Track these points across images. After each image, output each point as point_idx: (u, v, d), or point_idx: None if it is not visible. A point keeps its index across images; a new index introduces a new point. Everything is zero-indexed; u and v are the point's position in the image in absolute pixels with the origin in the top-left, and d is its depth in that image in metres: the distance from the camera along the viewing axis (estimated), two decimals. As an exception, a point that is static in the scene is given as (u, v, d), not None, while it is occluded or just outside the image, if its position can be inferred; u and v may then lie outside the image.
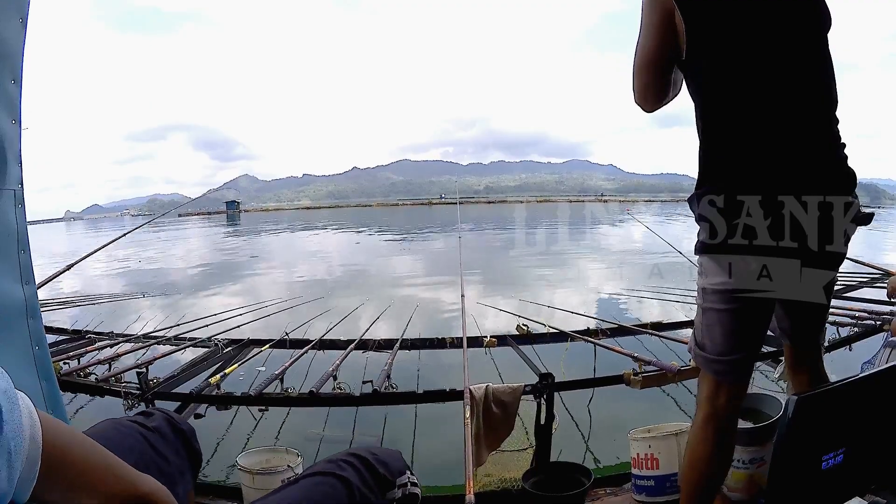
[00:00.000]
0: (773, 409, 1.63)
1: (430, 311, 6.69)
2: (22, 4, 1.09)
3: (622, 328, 3.45)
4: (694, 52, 1.08)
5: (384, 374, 2.26)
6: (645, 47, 1.14)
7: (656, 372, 2.07)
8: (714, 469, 1.16)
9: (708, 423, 1.15)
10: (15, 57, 1.09)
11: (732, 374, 1.14)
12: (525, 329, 3.44)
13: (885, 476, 0.93)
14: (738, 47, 1.05)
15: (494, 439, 1.98)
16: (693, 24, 1.06)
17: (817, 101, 1.07)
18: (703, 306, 1.15)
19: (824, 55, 1.09)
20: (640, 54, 1.15)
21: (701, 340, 1.16)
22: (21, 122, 1.12)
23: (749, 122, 1.05)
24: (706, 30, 1.06)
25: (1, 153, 1.07)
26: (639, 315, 5.50)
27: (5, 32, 1.06)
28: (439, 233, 22.95)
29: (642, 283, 7.64)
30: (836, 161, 1.07)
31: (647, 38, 1.13)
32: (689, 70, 1.12)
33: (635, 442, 1.67)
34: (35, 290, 1.13)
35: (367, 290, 7.94)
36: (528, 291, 7.59)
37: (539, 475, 1.75)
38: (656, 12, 1.09)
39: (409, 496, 0.97)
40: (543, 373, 2.01)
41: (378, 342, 3.23)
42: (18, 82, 1.10)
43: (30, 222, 1.16)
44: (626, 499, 1.71)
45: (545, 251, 14.90)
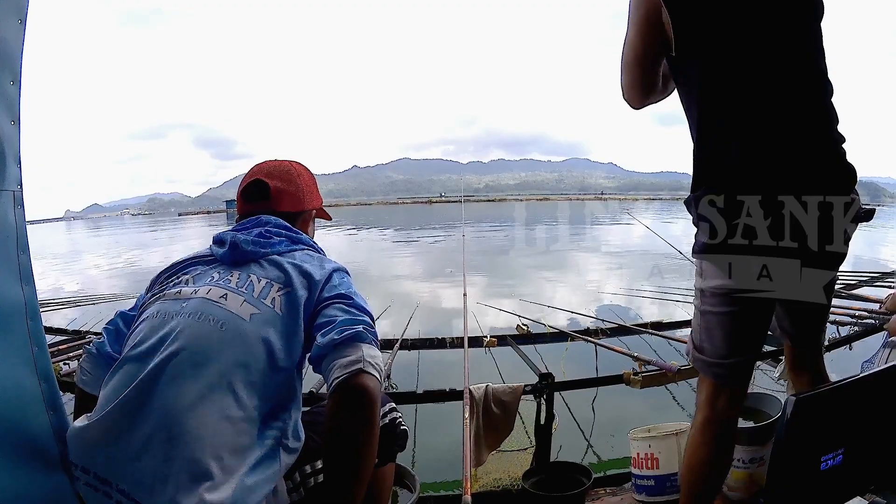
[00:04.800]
0: (773, 408, 1.62)
1: (431, 310, 6.69)
2: (21, 4, 1.09)
3: (622, 328, 3.45)
4: (682, 48, 1.07)
5: (384, 374, 2.26)
6: (631, 43, 1.13)
7: (656, 371, 2.07)
8: (713, 472, 1.15)
9: (707, 426, 1.14)
10: (14, 57, 1.09)
11: (732, 378, 1.12)
12: (525, 329, 3.44)
13: (885, 476, 0.93)
14: (728, 41, 1.04)
15: (494, 439, 1.98)
16: (679, 19, 1.04)
17: (814, 94, 1.05)
18: (701, 309, 1.14)
19: (818, 44, 1.07)
20: (627, 50, 1.14)
21: (699, 343, 1.15)
22: (20, 122, 1.12)
23: (745, 119, 1.04)
24: (693, 25, 1.05)
25: (0, 154, 1.07)
26: (639, 314, 5.50)
27: (4, 33, 1.06)
28: (439, 232, 22.95)
29: (642, 282, 7.65)
30: (836, 158, 1.06)
31: (633, 34, 1.12)
32: (679, 67, 1.11)
33: (635, 441, 1.67)
34: (34, 291, 1.13)
35: (367, 290, 7.93)
36: (529, 291, 7.59)
37: (539, 475, 1.75)
38: (642, 6, 1.08)
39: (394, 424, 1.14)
40: (543, 373, 2.01)
41: (378, 342, 3.23)
42: (18, 83, 1.10)
43: (29, 222, 1.16)
44: (626, 498, 1.71)
45: (545, 250, 14.91)
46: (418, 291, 8.40)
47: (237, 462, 0.80)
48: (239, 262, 0.98)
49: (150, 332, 0.89)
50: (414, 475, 1.50)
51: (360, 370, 0.82)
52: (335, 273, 0.99)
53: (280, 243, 1.01)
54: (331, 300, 0.94)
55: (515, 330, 3.45)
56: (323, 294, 0.95)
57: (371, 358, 0.84)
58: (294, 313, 0.91)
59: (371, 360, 0.84)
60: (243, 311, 0.89)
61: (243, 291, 0.92)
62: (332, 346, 0.85)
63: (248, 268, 0.96)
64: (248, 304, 0.90)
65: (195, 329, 0.86)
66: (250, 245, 0.98)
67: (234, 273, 0.95)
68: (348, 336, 0.86)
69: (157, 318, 0.90)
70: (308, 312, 0.93)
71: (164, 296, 0.94)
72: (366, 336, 0.87)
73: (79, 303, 5.48)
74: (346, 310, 0.92)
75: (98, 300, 5.72)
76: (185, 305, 0.90)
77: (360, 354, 0.84)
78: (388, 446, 1.11)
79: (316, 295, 0.94)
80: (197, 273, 0.98)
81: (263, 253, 0.98)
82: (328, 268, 0.99)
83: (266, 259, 0.98)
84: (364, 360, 0.83)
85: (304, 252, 1.03)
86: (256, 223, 1.04)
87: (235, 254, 0.98)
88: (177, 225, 44.92)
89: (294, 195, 1.12)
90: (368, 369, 0.82)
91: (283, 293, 0.93)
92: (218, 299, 0.90)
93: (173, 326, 0.87)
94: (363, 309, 0.94)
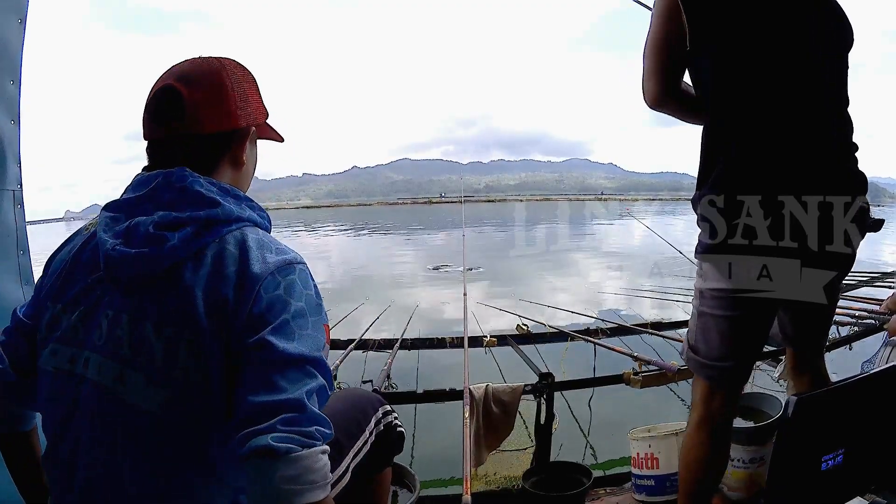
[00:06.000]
0: (774, 408, 1.62)
1: (431, 310, 6.69)
2: (21, 5, 1.09)
3: (622, 327, 3.45)
4: (695, 41, 1.07)
5: (384, 374, 2.26)
6: (652, 33, 1.13)
7: (656, 371, 2.07)
8: (710, 472, 1.15)
9: (701, 426, 1.13)
10: (14, 58, 1.09)
11: (726, 381, 1.12)
12: (525, 328, 3.45)
13: (885, 476, 0.93)
14: (742, 42, 1.04)
15: (494, 439, 1.98)
16: (693, 15, 1.05)
17: (823, 98, 1.06)
18: (699, 309, 1.13)
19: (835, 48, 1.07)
20: (648, 40, 1.15)
21: (694, 344, 1.14)
22: (20, 122, 1.12)
23: (747, 119, 1.04)
24: (707, 21, 1.05)
25: (0, 154, 1.07)
26: (639, 314, 5.51)
27: (4, 33, 1.06)
28: (440, 232, 22.95)
29: (642, 281, 7.65)
30: (841, 161, 1.06)
31: (654, 25, 1.12)
32: (692, 62, 1.11)
33: (635, 441, 1.67)
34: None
35: (367, 290, 7.94)
36: (529, 291, 7.60)
37: (539, 475, 1.75)
38: (663, 2, 1.09)
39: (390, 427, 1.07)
40: (543, 372, 2.01)
41: (378, 342, 3.23)
42: (17, 83, 1.10)
43: (29, 222, 1.16)
44: (626, 498, 1.71)
45: (545, 250, 14.91)
46: (418, 291, 8.40)
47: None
48: (130, 288, 0.67)
49: (58, 430, 0.69)
50: (414, 475, 1.50)
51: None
52: (264, 284, 0.66)
53: (183, 242, 0.66)
54: (247, 355, 0.63)
55: (515, 330, 3.45)
56: (241, 337, 0.64)
57: (291, 483, 0.57)
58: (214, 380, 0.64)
59: (292, 486, 0.57)
60: (151, 400, 0.63)
61: (141, 361, 0.64)
62: (241, 462, 0.60)
63: (141, 299, 0.66)
64: (153, 385, 0.63)
65: (103, 450, 0.65)
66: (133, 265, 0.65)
67: (122, 318, 0.66)
68: (254, 453, 0.58)
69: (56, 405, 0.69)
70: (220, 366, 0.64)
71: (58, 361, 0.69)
72: (278, 449, 0.57)
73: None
74: (265, 378, 0.62)
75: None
76: (78, 397, 0.67)
77: (273, 486, 0.57)
78: (385, 451, 1.09)
79: (233, 336, 0.64)
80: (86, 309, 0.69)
81: (161, 266, 0.65)
82: (253, 274, 0.66)
83: (167, 276, 0.66)
84: (280, 491, 0.57)
85: (221, 245, 0.68)
86: (162, 187, 0.70)
87: (121, 275, 0.66)
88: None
89: (220, 106, 0.75)
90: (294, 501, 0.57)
91: (190, 348, 0.63)
92: (114, 384, 0.64)
93: (76, 439, 0.66)
94: (294, 360, 0.63)
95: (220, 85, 0.75)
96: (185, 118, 0.73)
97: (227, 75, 0.77)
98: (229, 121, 0.76)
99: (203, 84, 0.74)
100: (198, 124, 0.73)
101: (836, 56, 1.08)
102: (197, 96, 0.73)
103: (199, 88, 0.74)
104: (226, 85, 0.76)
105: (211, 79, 0.75)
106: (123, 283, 0.67)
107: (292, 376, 0.62)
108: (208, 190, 0.71)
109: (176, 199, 0.69)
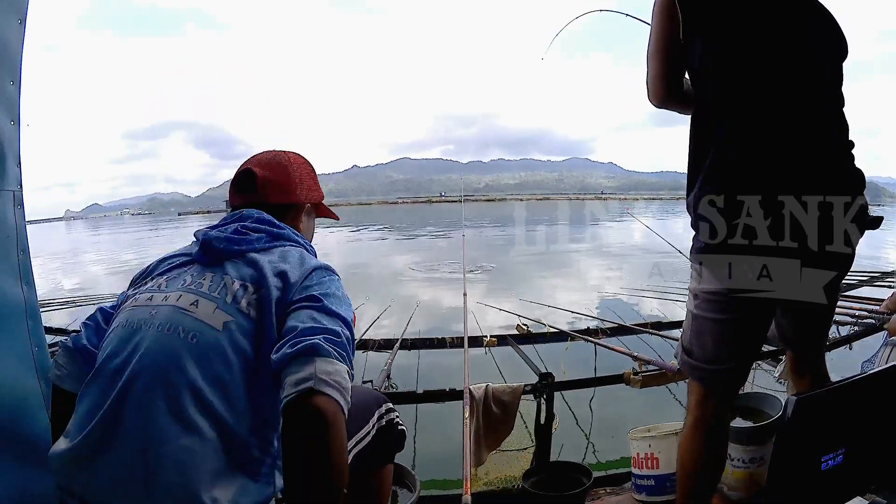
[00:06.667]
0: (774, 408, 1.62)
1: (430, 310, 6.69)
2: (21, 5, 1.09)
3: (622, 327, 3.45)
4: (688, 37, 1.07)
5: (384, 374, 2.26)
6: (653, 36, 1.14)
7: (656, 371, 2.07)
8: (706, 474, 1.15)
9: (697, 428, 1.13)
10: (13, 58, 1.09)
11: (720, 384, 1.12)
12: (525, 328, 3.44)
13: (885, 476, 0.93)
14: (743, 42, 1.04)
15: (494, 439, 1.98)
16: (687, 9, 1.06)
17: (822, 98, 1.06)
18: (693, 312, 1.13)
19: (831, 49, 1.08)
20: (650, 44, 1.15)
21: (688, 346, 1.14)
22: (20, 122, 1.12)
23: (746, 119, 1.04)
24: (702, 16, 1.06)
25: (0, 154, 1.07)
26: (639, 314, 5.50)
27: (4, 33, 1.06)
28: (439, 231, 22.95)
29: (642, 281, 7.64)
30: (839, 160, 1.06)
31: (654, 27, 1.13)
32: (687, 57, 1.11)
33: (635, 441, 1.67)
34: (34, 292, 1.14)
35: (367, 289, 7.94)
36: (529, 291, 7.59)
37: (539, 475, 1.75)
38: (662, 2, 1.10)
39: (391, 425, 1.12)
40: (543, 372, 2.01)
41: (378, 342, 3.23)
42: (17, 83, 1.10)
43: (29, 221, 1.16)
44: (627, 498, 1.71)
45: (545, 250, 14.91)
46: (418, 291, 8.40)
47: (224, 488, 0.75)
48: (213, 262, 0.90)
49: (120, 345, 0.83)
50: (414, 475, 1.50)
51: (309, 389, 0.71)
52: (315, 272, 0.89)
53: (258, 240, 0.92)
54: (299, 303, 0.84)
55: (515, 330, 3.45)
56: (295, 295, 0.86)
57: (325, 374, 0.73)
58: (268, 318, 0.83)
59: (325, 377, 0.73)
60: (215, 320, 0.82)
61: (216, 297, 0.84)
62: (284, 361, 0.75)
63: (222, 268, 0.88)
64: (220, 311, 0.83)
65: (164, 342, 0.80)
66: (223, 243, 0.90)
67: (206, 275, 0.88)
68: (302, 349, 0.75)
69: (126, 328, 0.85)
70: (279, 316, 0.84)
71: (137, 301, 0.88)
72: (322, 349, 0.75)
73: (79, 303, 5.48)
74: (313, 315, 0.82)
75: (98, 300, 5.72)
76: (155, 314, 0.84)
77: (311, 371, 0.73)
78: (386, 447, 1.10)
79: (289, 296, 0.86)
80: (172, 275, 0.91)
81: (238, 251, 0.90)
82: (308, 265, 0.90)
83: (242, 257, 0.90)
84: (316, 377, 0.72)
85: (285, 249, 0.94)
86: (237, 218, 0.96)
87: (208, 253, 0.90)
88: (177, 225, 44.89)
89: (283, 185, 1.03)
90: (321, 387, 0.72)
91: (256, 296, 0.85)
92: (188, 307, 0.83)
93: (140, 340, 0.81)
94: (334, 314, 0.83)
95: (283, 170, 1.04)
96: (256, 190, 1.01)
97: (289, 163, 1.05)
98: (288, 196, 1.04)
99: (271, 167, 1.03)
100: (265, 196, 1.01)
101: (834, 58, 1.09)
102: (266, 176, 1.02)
103: (268, 171, 1.02)
104: (288, 170, 1.04)
105: (278, 166, 1.04)
106: (209, 259, 0.90)
107: (331, 320, 0.82)
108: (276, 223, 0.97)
109: (254, 222, 0.95)
